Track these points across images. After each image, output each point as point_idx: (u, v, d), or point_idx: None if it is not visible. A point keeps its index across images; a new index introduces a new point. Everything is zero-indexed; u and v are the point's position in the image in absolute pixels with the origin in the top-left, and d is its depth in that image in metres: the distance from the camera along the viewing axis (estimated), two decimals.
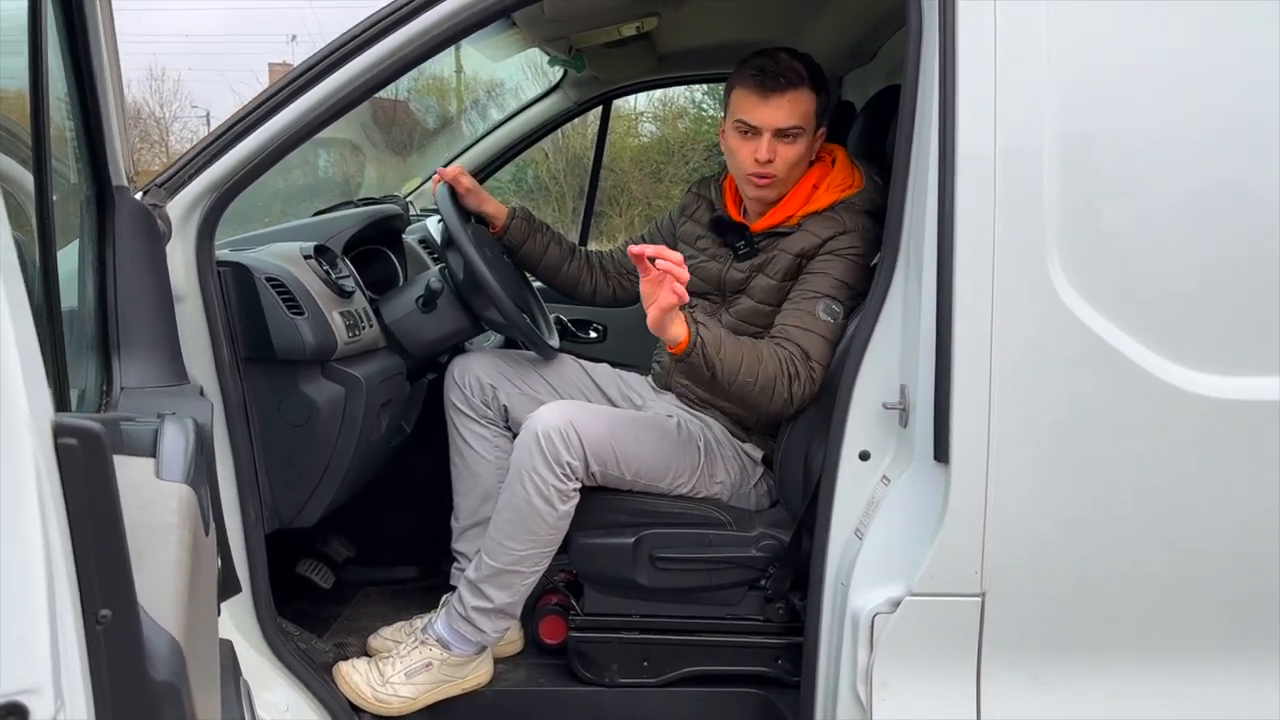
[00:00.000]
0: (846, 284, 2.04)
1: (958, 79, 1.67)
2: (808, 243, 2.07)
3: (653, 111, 14.31)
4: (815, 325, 2.01)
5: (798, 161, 2.08)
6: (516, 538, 2.01)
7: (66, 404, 1.27)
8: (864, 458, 1.85)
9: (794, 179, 2.11)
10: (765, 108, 2.03)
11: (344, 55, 1.80)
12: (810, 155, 2.12)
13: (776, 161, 2.06)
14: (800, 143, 2.07)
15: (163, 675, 0.79)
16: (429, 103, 10.11)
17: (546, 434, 1.96)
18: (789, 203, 2.13)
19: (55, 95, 1.47)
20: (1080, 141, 1.69)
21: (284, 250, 2.05)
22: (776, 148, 2.05)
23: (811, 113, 2.06)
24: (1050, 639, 1.80)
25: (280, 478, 2.00)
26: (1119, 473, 1.74)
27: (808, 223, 2.09)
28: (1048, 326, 1.70)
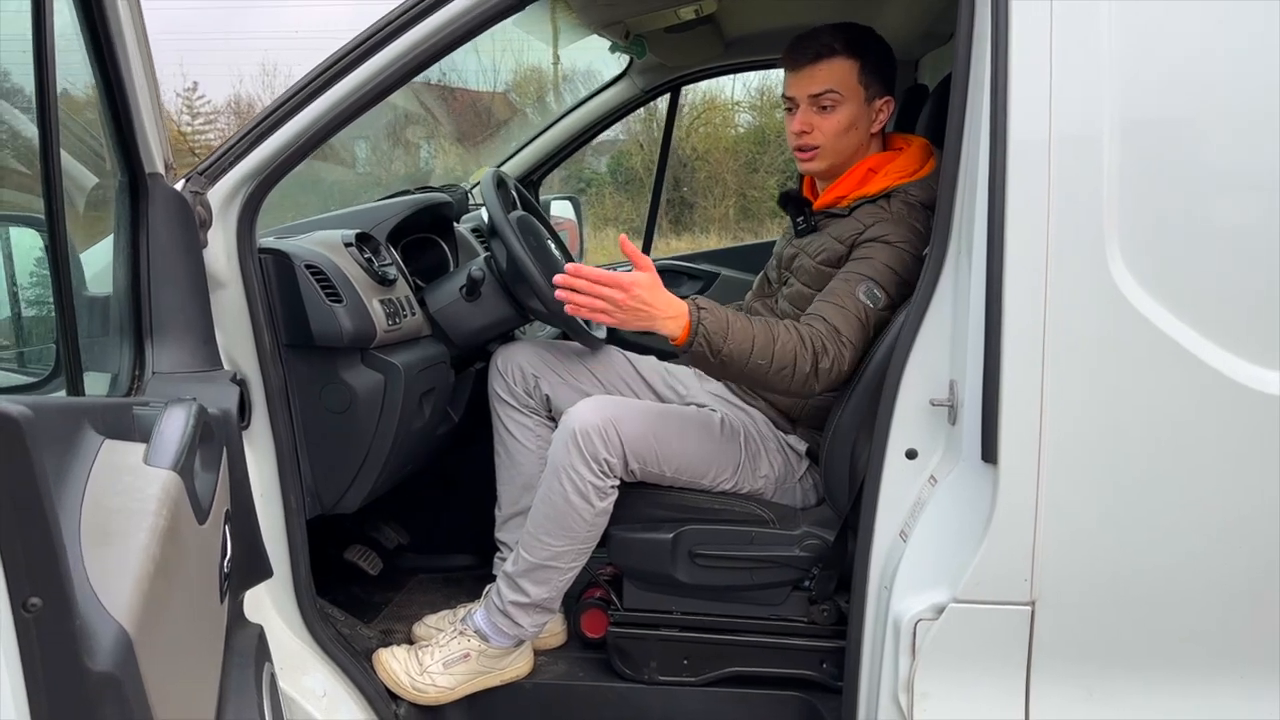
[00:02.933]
0: (892, 270, 1.94)
1: (1010, 61, 1.58)
2: (850, 229, 2.00)
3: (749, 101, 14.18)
4: (851, 304, 1.92)
5: (842, 131, 2.02)
6: (553, 533, 1.98)
7: (79, 388, 1.28)
8: (911, 456, 1.77)
9: (844, 151, 2.05)
10: (796, 78, 2.02)
11: (381, 40, 1.79)
12: (862, 125, 2.04)
13: (815, 132, 2.02)
14: (840, 111, 2.01)
15: (103, 666, 0.78)
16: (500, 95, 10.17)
17: (585, 431, 1.93)
18: (843, 182, 2.07)
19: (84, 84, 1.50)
20: (1144, 127, 1.58)
21: (325, 238, 2.06)
22: (812, 118, 2.02)
23: (851, 79, 2.00)
24: (1106, 653, 1.68)
25: (322, 464, 2.01)
26: (1183, 477, 1.62)
27: (858, 210, 2.02)
28: (1106, 320, 1.59)
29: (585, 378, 2.23)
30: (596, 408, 1.98)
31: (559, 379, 2.21)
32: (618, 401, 2.07)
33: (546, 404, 2.22)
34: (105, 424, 1.13)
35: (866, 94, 2.02)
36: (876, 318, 1.93)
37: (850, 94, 2.01)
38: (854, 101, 2.01)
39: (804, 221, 2.12)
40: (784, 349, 1.88)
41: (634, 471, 1.98)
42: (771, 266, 2.29)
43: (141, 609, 0.88)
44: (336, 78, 1.79)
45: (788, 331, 1.90)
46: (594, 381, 2.23)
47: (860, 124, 2.03)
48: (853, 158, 2.07)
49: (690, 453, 2.02)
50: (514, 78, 14.86)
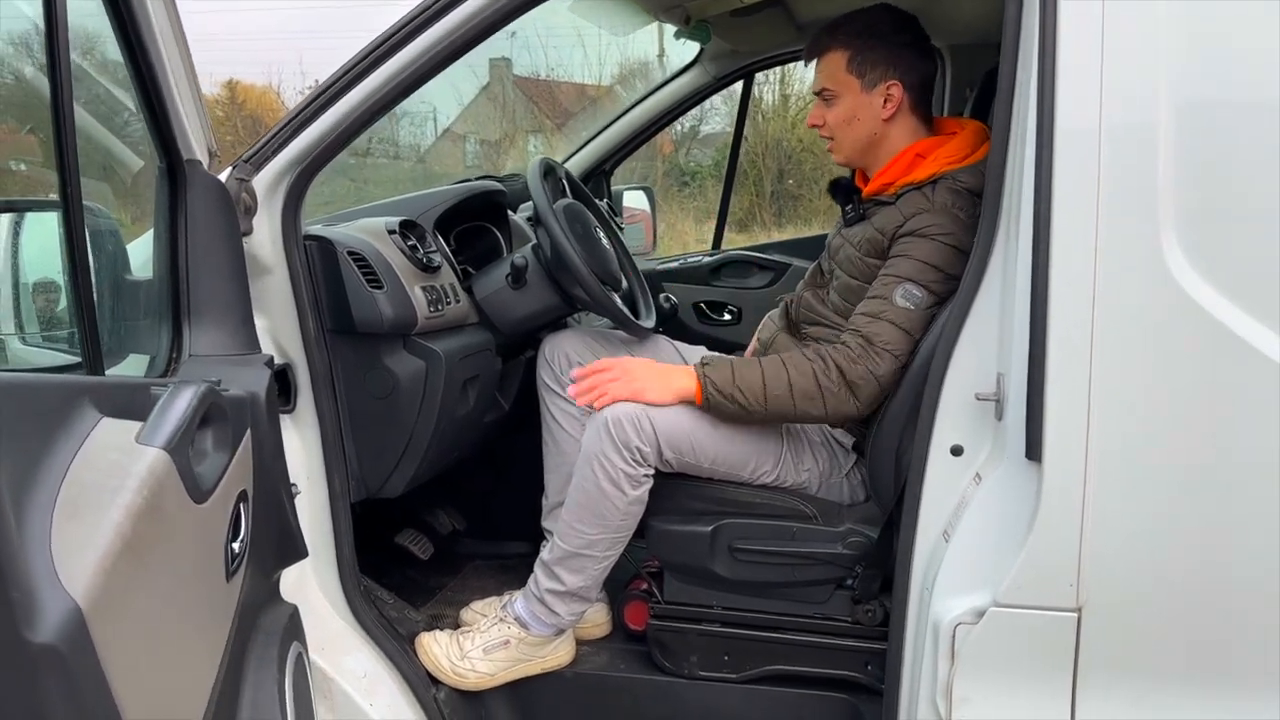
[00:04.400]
0: (932, 266, 1.87)
1: (1059, 45, 1.49)
2: (891, 219, 1.95)
3: None
4: (887, 311, 1.87)
5: (844, 122, 2.04)
6: (586, 521, 1.97)
7: (99, 368, 1.32)
8: (956, 453, 1.70)
9: (858, 140, 2.05)
10: (816, 76, 2.09)
11: (423, 23, 1.79)
12: (866, 115, 2.02)
13: (825, 126, 2.07)
14: (839, 104, 2.03)
15: (44, 638, 0.79)
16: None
17: (616, 420, 1.91)
18: (890, 169, 2.03)
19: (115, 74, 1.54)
20: (1201, 109, 1.47)
21: (370, 225, 2.08)
22: (821, 112, 2.07)
23: (840, 72, 2.01)
24: (1158, 663, 1.59)
25: (366, 448, 2.03)
26: (1240, 475, 1.51)
27: (904, 198, 1.96)
28: (1161, 311, 1.50)
29: None
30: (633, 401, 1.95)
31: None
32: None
33: None
34: (112, 403, 1.15)
35: (862, 83, 2.00)
36: (922, 316, 1.87)
37: (843, 86, 2.02)
38: (849, 92, 2.02)
39: (853, 210, 2.10)
40: (800, 374, 1.87)
41: (669, 461, 1.95)
42: (824, 257, 2.24)
43: (103, 585, 0.89)
44: (377, 63, 1.80)
45: (802, 358, 1.89)
46: None
47: (863, 113, 2.02)
48: (878, 145, 2.04)
49: (728, 443, 1.98)
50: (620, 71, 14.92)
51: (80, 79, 1.48)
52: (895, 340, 1.86)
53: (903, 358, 1.86)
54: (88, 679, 0.83)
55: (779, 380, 1.87)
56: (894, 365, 1.85)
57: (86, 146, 1.47)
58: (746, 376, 1.89)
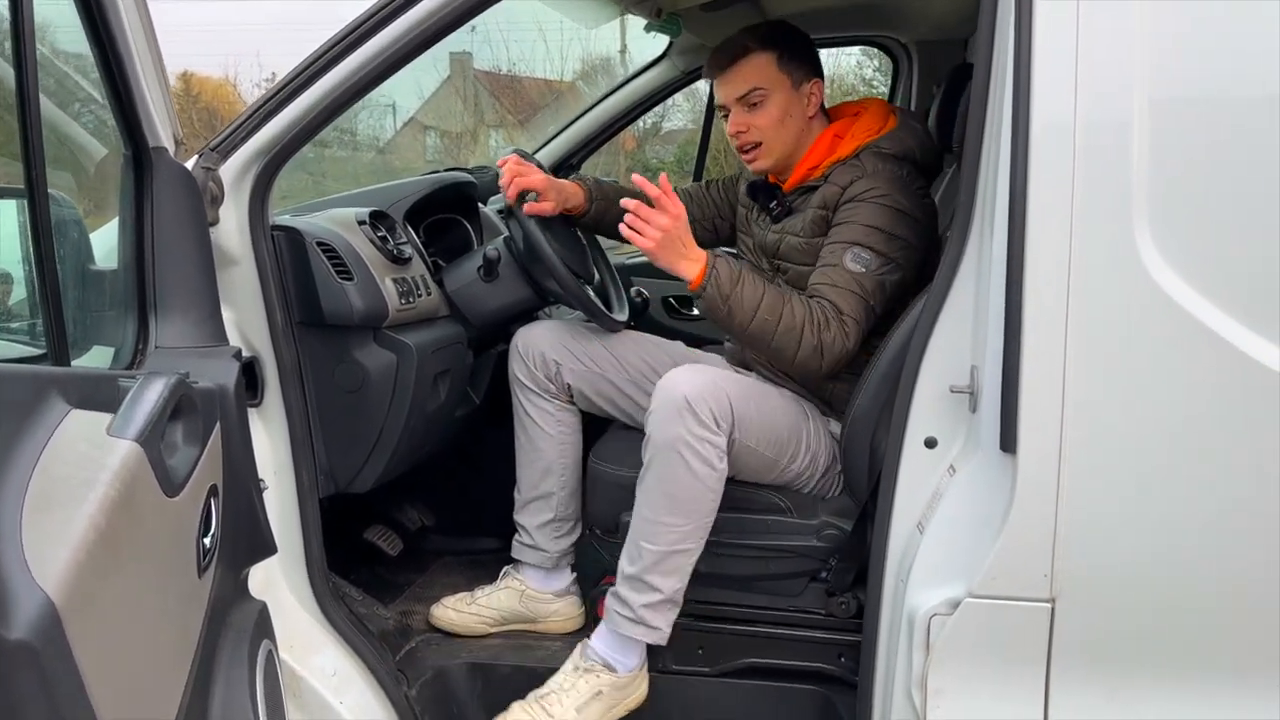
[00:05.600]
0: (875, 229, 1.92)
1: (1034, 40, 1.50)
2: (829, 193, 1.98)
3: None
4: (842, 279, 1.91)
5: (778, 122, 2.04)
6: (678, 513, 1.88)
7: (65, 359, 1.28)
8: (930, 445, 1.71)
9: (788, 140, 2.06)
10: (721, 85, 2.06)
11: (391, 13, 1.77)
12: (797, 112, 2.06)
13: (750, 131, 2.05)
14: (770, 105, 2.03)
15: (19, 634, 0.76)
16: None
17: (696, 395, 1.86)
18: (812, 154, 2.07)
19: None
20: (1176, 106, 1.49)
21: (339, 215, 2.05)
22: (746, 118, 2.05)
23: (772, 71, 2.02)
24: (1131, 653, 1.60)
25: (335, 443, 2.01)
26: (1215, 471, 1.52)
27: (834, 174, 2.00)
28: (1135, 305, 1.51)
29: (608, 363, 2.19)
30: (694, 372, 1.92)
31: (580, 365, 2.18)
32: (706, 368, 1.99)
33: (567, 390, 2.18)
34: (80, 394, 1.12)
35: (792, 80, 2.04)
36: (874, 281, 1.91)
37: (775, 84, 2.02)
38: (781, 91, 2.03)
39: (778, 205, 2.11)
40: (793, 313, 1.89)
41: (733, 440, 1.92)
42: (757, 258, 2.21)
43: (77, 579, 0.86)
44: (347, 51, 1.78)
45: (801, 301, 1.92)
46: (618, 367, 2.19)
47: (794, 111, 2.04)
48: (800, 143, 2.08)
49: (777, 422, 1.99)
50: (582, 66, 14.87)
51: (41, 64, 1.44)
52: (857, 310, 1.90)
53: (865, 327, 1.92)
54: (62, 676, 0.81)
55: (774, 308, 1.88)
56: (859, 333, 1.91)
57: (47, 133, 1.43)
58: (748, 289, 1.89)
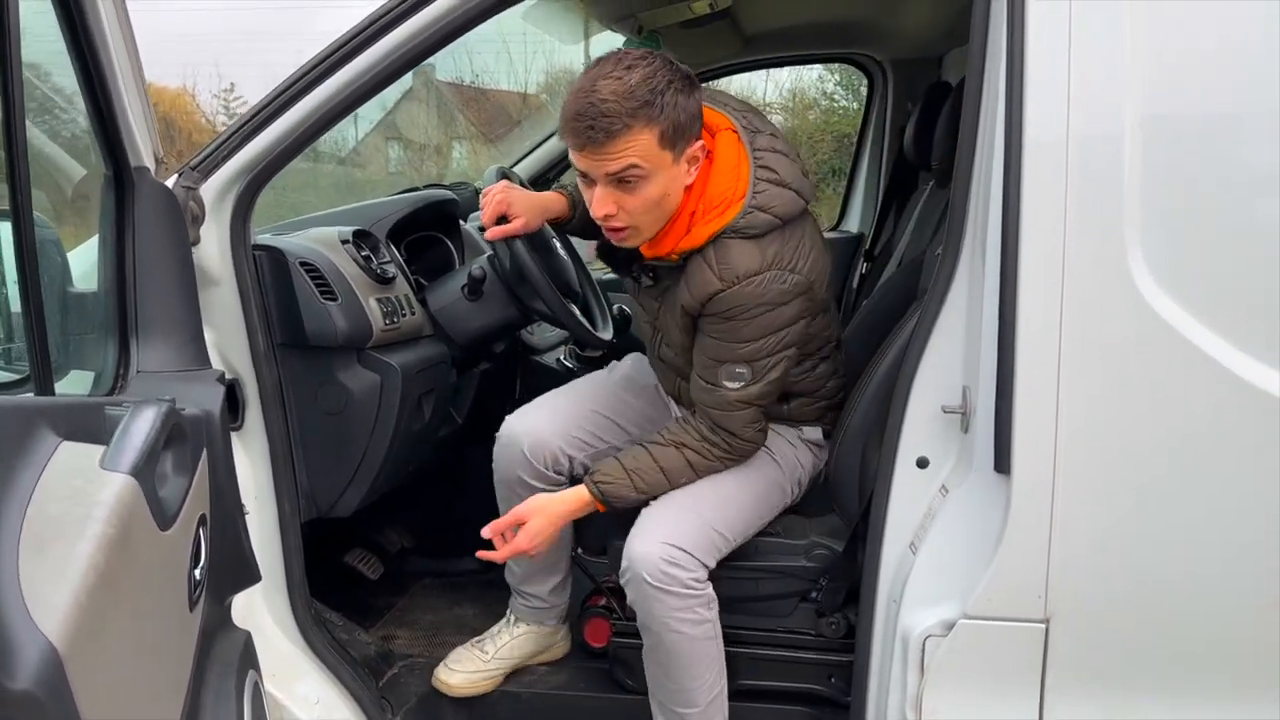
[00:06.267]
0: (745, 342, 1.78)
1: (1027, 57, 1.51)
2: (687, 301, 1.79)
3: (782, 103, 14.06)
4: (723, 401, 1.83)
5: (654, 204, 1.69)
6: (700, 674, 1.87)
7: (49, 387, 1.24)
8: (922, 465, 1.71)
9: (663, 219, 1.74)
10: (589, 159, 1.67)
11: (376, 32, 1.75)
12: (676, 186, 1.71)
13: (620, 213, 1.70)
14: (649, 185, 1.67)
15: (23, 685, 0.73)
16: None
17: (657, 571, 1.80)
18: (667, 238, 1.78)
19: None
20: (1168, 124, 1.50)
21: (322, 235, 2.02)
22: (615, 197, 1.69)
23: (655, 148, 1.64)
24: (1126, 673, 1.61)
25: (317, 466, 1.97)
26: (1208, 491, 1.54)
27: (689, 265, 1.78)
28: (1127, 326, 1.52)
29: (613, 433, 2.08)
30: (650, 537, 1.82)
31: (592, 448, 2.05)
32: (662, 512, 1.87)
33: (574, 470, 2.05)
34: (68, 425, 1.08)
35: (674, 155, 1.67)
36: (761, 382, 1.81)
37: (656, 163, 1.65)
38: (661, 170, 1.67)
39: (651, 276, 1.90)
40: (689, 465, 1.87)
41: (721, 549, 1.90)
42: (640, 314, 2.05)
43: (77, 623, 0.83)
44: (330, 71, 1.76)
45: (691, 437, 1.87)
46: (621, 431, 2.08)
47: (674, 187, 1.70)
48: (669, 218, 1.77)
49: (758, 496, 1.93)
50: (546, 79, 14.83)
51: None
52: (751, 416, 1.85)
53: (770, 402, 1.88)
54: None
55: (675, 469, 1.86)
56: (761, 416, 1.88)
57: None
58: (647, 479, 1.85)
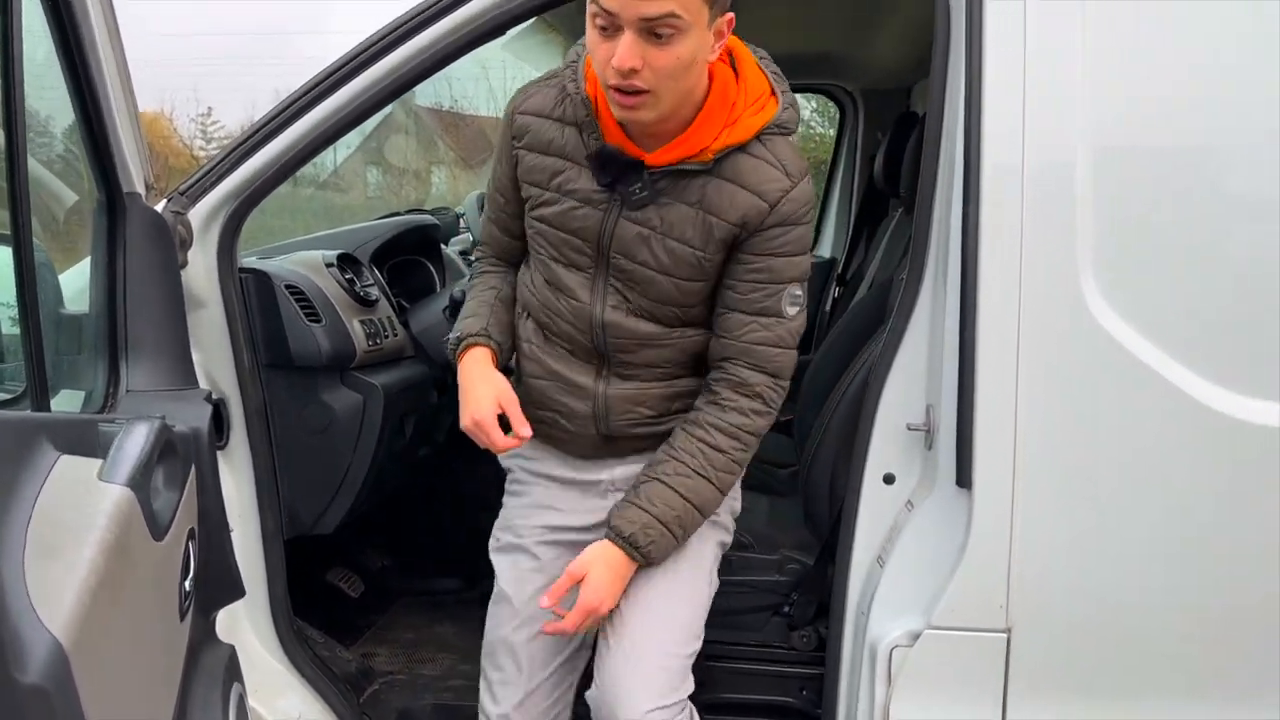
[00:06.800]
0: (806, 252, 1.58)
1: (984, 91, 1.59)
2: (733, 215, 1.51)
3: None
4: (786, 334, 1.57)
5: (683, 68, 1.42)
6: None
7: (46, 404, 1.29)
8: (888, 481, 1.77)
9: (680, 95, 1.46)
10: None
11: (362, 62, 1.80)
12: (704, 55, 1.45)
13: (645, 71, 1.40)
14: (679, 44, 1.40)
15: (32, 678, 0.77)
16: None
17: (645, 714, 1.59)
18: (702, 128, 1.50)
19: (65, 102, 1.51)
20: (1116, 155, 1.59)
21: (307, 258, 2.07)
22: (643, 51, 1.40)
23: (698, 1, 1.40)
24: (1084, 681, 1.67)
25: (300, 484, 2.01)
26: (1158, 503, 1.61)
27: (734, 170, 1.51)
28: (1080, 347, 1.60)
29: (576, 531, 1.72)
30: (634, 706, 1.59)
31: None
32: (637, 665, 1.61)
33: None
34: (66, 440, 1.13)
35: (711, 13, 1.43)
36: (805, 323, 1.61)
37: (695, 16, 1.40)
38: (698, 27, 1.41)
39: (642, 189, 1.52)
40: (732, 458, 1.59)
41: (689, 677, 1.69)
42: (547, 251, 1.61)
43: (82, 623, 0.87)
44: (316, 100, 1.81)
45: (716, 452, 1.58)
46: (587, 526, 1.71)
47: (701, 55, 1.44)
48: (685, 98, 1.48)
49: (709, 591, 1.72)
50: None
51: None
52: (793, 366, 1.61)
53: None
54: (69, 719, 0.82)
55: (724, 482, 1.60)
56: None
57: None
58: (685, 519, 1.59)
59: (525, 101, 1.61)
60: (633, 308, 1.59)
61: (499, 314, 1.69)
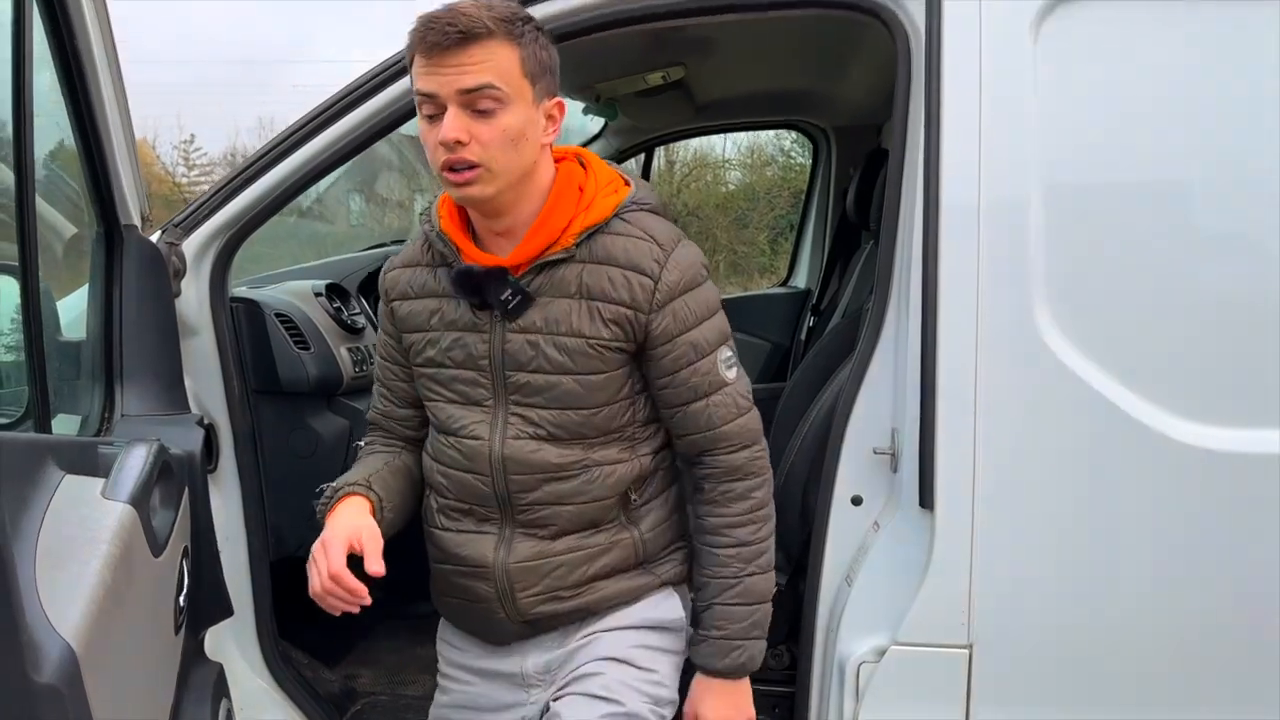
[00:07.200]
0: (720, 313, 1.55)
1: (942, 133, 1.68)
2: (634, 286, 1.46)
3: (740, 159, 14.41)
4: (739, 398, 1.54)
5: (511, 141, 1.41)
6: None
7: (47, 426, 1.35)
8: (856, 503, 1.84)
9: (514, 171, 1.43)
10: (440, 71, 1.40)
11: (352, 102, 1.88)
12: (535, 135, 1.44)
13: (472, 145, 1.40)
14: (503, 116, 1.40)
15: (47, 678, 0.83)
16: None
17: None
18: (554, 213, 1.47)
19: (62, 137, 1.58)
20: (1066, 193, 1.68)
21: (296, 288, 2.14)
22: (469, 124, 1.40)
23: (516, 73, 1.40)
24: (1043, 694, 1.74)
25: (286, 507, 2.07)
26: (1110, 524, 1.69)
27: (600, 246, 1.47)
28: (1034, 374, 1.68)
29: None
30: None
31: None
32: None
33: None
34: (69, 460, 1.19)
35: (534, 92, 1.43)
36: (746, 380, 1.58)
37: (516, 91, 1.41)
38: (522, 103, 1.42)
39: (514, 295, 1.47)
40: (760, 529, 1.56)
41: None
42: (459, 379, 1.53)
43: (89, 629, 0.94)
44: (307, 137, 1.88)
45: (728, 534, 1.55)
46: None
47: (531, 133, 1.44)
48: (529, 182, 1.46)
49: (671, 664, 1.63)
50: None
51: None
52: (759, 422, 1.58)
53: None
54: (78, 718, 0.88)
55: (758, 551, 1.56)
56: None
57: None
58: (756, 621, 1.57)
59: (391, 262, 1.64)
60: (535, 432, 1.50)
61: (385, 477, 1.58)
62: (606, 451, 1.53)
